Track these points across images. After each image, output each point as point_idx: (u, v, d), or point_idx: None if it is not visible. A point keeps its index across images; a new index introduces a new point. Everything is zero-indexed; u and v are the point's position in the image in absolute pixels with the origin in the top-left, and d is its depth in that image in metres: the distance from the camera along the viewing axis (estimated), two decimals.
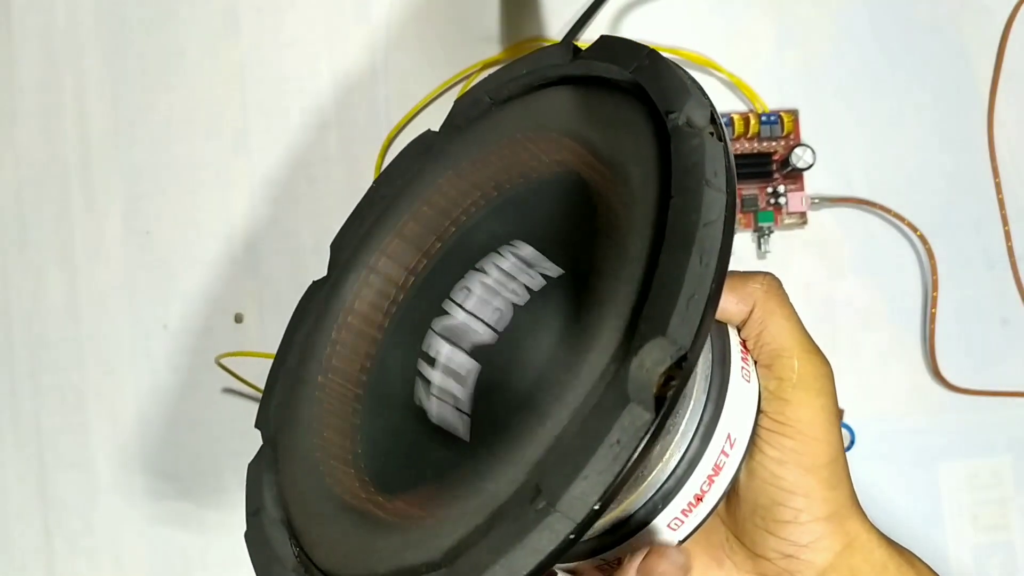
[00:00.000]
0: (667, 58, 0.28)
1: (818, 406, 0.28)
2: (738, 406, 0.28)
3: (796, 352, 0.29)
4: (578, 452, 0.22)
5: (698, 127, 0.25)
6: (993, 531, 0.47)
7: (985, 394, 0.48)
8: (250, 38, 0.49)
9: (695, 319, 0.22)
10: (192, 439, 0.47)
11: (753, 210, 0.48)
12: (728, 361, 0.29)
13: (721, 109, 0.48)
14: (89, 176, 0.48)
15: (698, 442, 0.28)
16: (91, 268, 0.48)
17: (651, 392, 0.22)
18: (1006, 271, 0.48)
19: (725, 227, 0.23)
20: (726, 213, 0.23)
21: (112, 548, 0.47)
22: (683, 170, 0.24)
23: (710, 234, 0.23)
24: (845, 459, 0.29)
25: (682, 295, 0.22)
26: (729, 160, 0.24)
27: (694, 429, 0.28)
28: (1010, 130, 0.49)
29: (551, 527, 0.21)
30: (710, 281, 0.22)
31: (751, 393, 0.29)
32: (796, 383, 0.28)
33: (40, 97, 0.48)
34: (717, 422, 0.28)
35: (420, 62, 0.49)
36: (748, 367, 0.29)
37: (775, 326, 0.29)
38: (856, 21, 0.49)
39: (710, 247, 0.23)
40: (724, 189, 0.23)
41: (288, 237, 0.48)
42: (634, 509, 0.28)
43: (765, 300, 0.29)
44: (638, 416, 0.21)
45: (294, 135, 0.48)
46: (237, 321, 0.48)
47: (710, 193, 0.23)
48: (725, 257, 0.23)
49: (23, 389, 0.47)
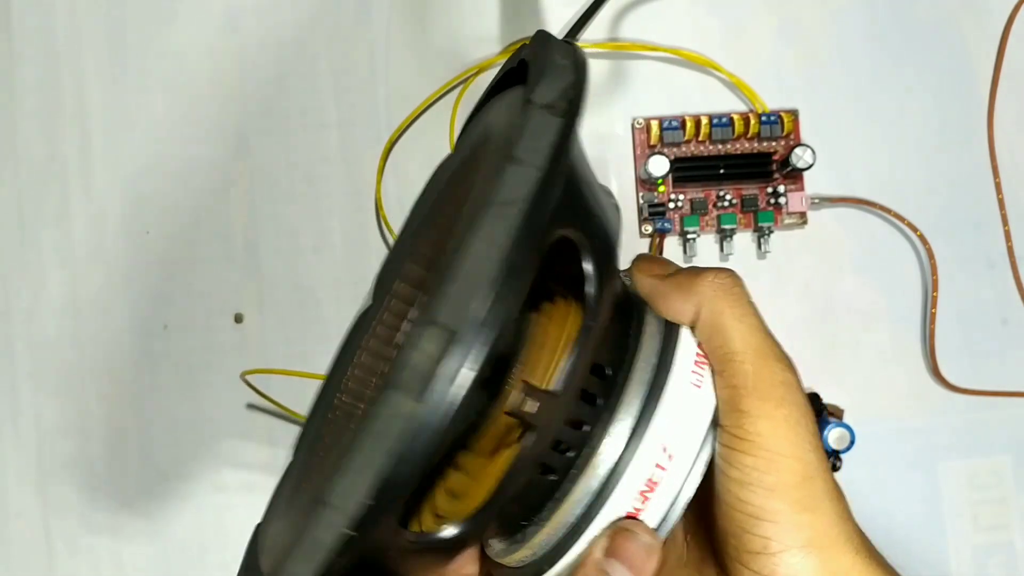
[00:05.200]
0: (556, 39, 0.27)
1: (779, 417, 0.25)
2: (678, 414, 0.26)
3: (749, 356, 0.26)
4: (347, 449, 0.21)
5: (537, 103, 0.24)
6: (993, 531, 0.47)
7: (985, 394, 0.48)
8: (250, 38, 0.49)
9: (465, 303, 0.21)
10: (192, 439, 0.47)
11: (753, 210, 0.48)
12: (669, 364, 0.26)
13: (721, 109, 0.48)
14: (89, 176, 0.48)
15: (618, 454, 0.25)
16: (91, 268, 0.48)
17: (417, 380, 0.21)
18: (1006, 271, 0.48)
19: (534, 205, 0.22)
20: (537, 190, 0.22)
21: (112, 548, 0.47)
22: (497, 149, 0.23)
23: (505, 212, 0.22)
24: (827, 478, 0.25)
25: (460, 278, 0.21)
26: (563, 137, 0.23)
27: (618, 440, 0.26)
28: (1010, 130, 0.49)
29: (325, 521, 0.21)
30: (495, 264, 0.21)
31: (701, 401, 0.26)
32: (751, 391, 0.25)
33: (40, 97, 0.48)
34: (645, 431, 0.25)
35: (420, 62, 0.49)
36: (702, 373, 0.27)
37: (725, 327, 0.26)
38: (856, 21, 0.49)
39: (502, 227, 0.21)
40: (539, 166, 0.22)
41: (288, 237, 0.48)
42: (561, 530, 0.26)
43: (713, 299, 0.26)
44: (398, 404, 0.21)
45: (294, 135, 0.48)
46: (237, 321, 0.48)
47: (514, 170, 0.22)
48: (528, 238, 0.21)
49: (23, 389, 0.47)
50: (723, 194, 0.48)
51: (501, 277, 0.21)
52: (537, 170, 0.22)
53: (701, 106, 0.48)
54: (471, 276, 0.21)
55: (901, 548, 0.47)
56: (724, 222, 0.47)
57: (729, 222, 0.47)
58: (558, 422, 0.25)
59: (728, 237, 0.47)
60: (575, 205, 0.25)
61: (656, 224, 0.47)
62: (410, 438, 0.20)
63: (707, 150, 0.48)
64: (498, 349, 0.21)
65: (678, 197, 0.48)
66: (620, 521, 0.25)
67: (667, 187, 0.48)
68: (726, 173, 0.48)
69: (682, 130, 0.47)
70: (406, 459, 0.20)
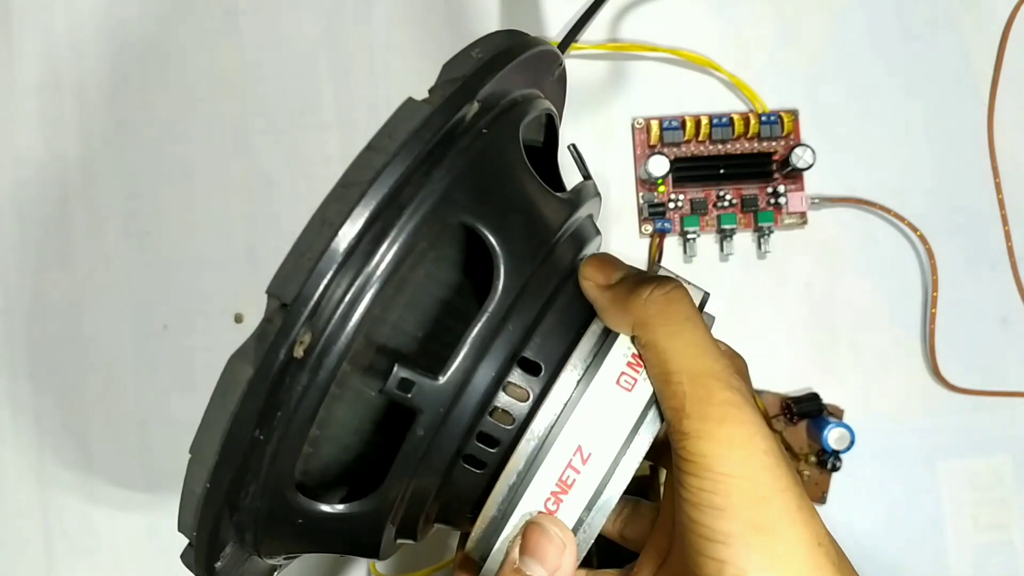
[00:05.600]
0: (502, 33, 0.28)
1: (721, 437, 0.24)
2: (596, 415, 0.26)
3: (685, 376, 0.25)
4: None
5: (433, 91, 0.25)
6: (993, 531, 0.47)
7: (985, 394, 0.48)
8: (250, 38, 0.49)
9: (299, 277, 0.23)
10: (192, 439, 0.47)
11: (753, 210, 0.48)
12: (597, 364, 0.26)
13: (721, 109, 0.48)
14: (89, 176, 0.48)
15: (534, 451, 0.26)
16: (91, 268, 0.48)
17: (251, 347, 0.23)
18: (1006, 271, 0.48)
19: (371, 186, 0.23)
20: (380, 173, 0.23)
21: (112, 548, 0.47)
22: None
23: (346, 195, 0.23)
24: (788, 499, 0.24)
25: (291, 254, 0.23)
26: (427, 125, 0.24)
27: (535, 437, 0.26)
28: (1010, 130, 0.49)
29: (193, 474, 0.26)
30: (325, 241, 0.23)
31: (627, 404, 0.26)
32: (689, 412, 0.24)
33: (40, 97, 0.48)
34: (561, 429, 0.26)
35: (420, 62, 0.49)
36: (636, 376, 0.26)
37: (658, 346, 0.25)
38: (856, 21, 0.49)
39: (339, 208, 0.23)
40: (390, 151, 0.23)
41: (288, 237, 0.48)
42: (487, 525, 0.27)
43: (647, 316, 0.25)
44: (237, 371, 0.23)
45: (294, 135, 0.48)
46: (237, 321, 0.48)
47: (367, 156, 0.23)
48: (368, 219, 0.23)
49: (23, 389, 0.47)
50: (723, 194, 0.48)
51: (335, 255, 0.23)
52: (386, 155, 0.23)
53: (701, 106, 0.48)
54: (301, 250, 0.23)
55: (901, 548, 0.47)
56: (724, 222, 0.47)
57: (729, 222, 0.47)
58: (466, 411, 0.25)
59: (728, 237, 0.47)
60: (468, 191, 0.25)
61: (656, 224, 0.47)
62: (245, 400, 0.23)
63: (707, 150, 0.48)
64: (354, 326, 0.23)
65: (678, 197, 0.48)
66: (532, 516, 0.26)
67: (667, 187, 0.48)
68: (726, 173, 0.48)
69: (682, 130, 0.47)
70: (242, 420, 0.23)
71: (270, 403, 0.23)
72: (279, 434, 0.24)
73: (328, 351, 0.23)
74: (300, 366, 0.23)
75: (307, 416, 0.24)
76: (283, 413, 0.23)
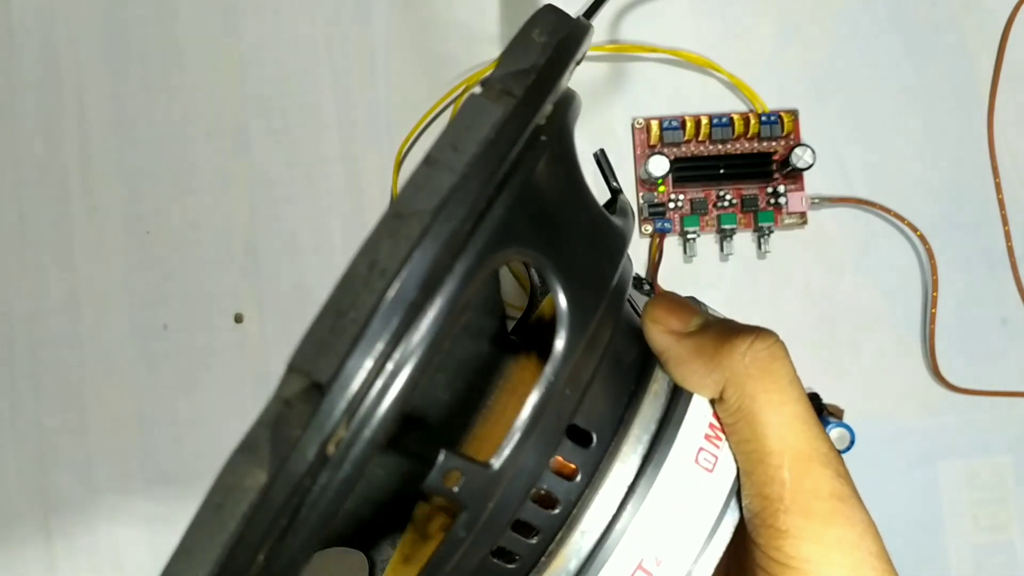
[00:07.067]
0: (552, 13, 0.21)
1: (831, 540, 0.20)
2: (672, 507, 0.20)
3: (788, 458, 0.20)
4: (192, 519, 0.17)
5: (489, 88, 0.19)
6: (993, 531, 0.47)
7: (985, 394, 0.48)
8: (250, 38, 0.49)
9: (339, 347, 0.16)
10: (192, 439, 0.47)
11: (753, 210, 0.48)
12: (671, 438, 0.21)
13: (721, 109, 0.48)
14: (89, 176, 0.48)
15: (586, 553, 0.20)
16: (91, 268, 0.48)
17: (266, 441, 0.16)
18: (1006, 271, 0.48)
19: (436, 218, 0.16)
20: (446, 200, 0.17)
21: (112, 548, 0.47)
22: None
23: (401, 230, 0.16)
24: None
25: (326, 311, 0.17)
26: (502, 131, 0.18)
27: (591, 534, 0.20)
28: (1010, 130, 0.49)
29: None
30: (375, 297, 0.16)
31: (710, 489, 0.21)
32: (789, 506, 0.20)
33: (40, 97, 0.48)
34: (626, 528, 0.20)
35: (420, 62, 0.49)
36: (716, 450, 0.21)
37: (757, 418, 0.20)
38: (856, 21, 0.49)
39: (392, 247, 0.16)
40: (456, 169, 0.17)
41: (288, 237, 0.48)
42: None
43: (746, 377, 0.20)
44: (241, 475, 0.16)
45: (294, 135, 0.48)
46: (237, 321, 0.48)
47: (427, 174, 0.17)
48: (430, 263, 0.16)
49: (23, 389, 0.47)
50: (723, 194, 0.48)
51: (385, 315, 0.16)
52: (452, 174, 0.17)
53: (701, 106, 0.48)
54: (341, 306, 0.17)
55: (901, 548, 0.47)
56: (724, 222, 0.47)
57: (729, 222, 0.47)
58: (511, 499, 0.20)
59: (728, 237, 0.47)
60: (529, 220, 0.19)
61: (656, 224, 0.47)
62: (255, 516, 0.16)
63: (707, 150, 0.48)
64: (396, 411, 0.16)
65: (678, 197, 0.48)
66: None
67: (667, 187, 0.48)
68: (726, 173, 0.48)
69: (682, 130, 0.47)
70: (247, 544, 0.16)
71: (283, 515, 0.17)
72: (288, 556, 0.17)
73: (357, 438, 0.17)
74: (324, 462, 0.17)
75: (322, 523, 0.17)
76: (297, 524, 0.17)
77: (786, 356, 0.21)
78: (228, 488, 0.17)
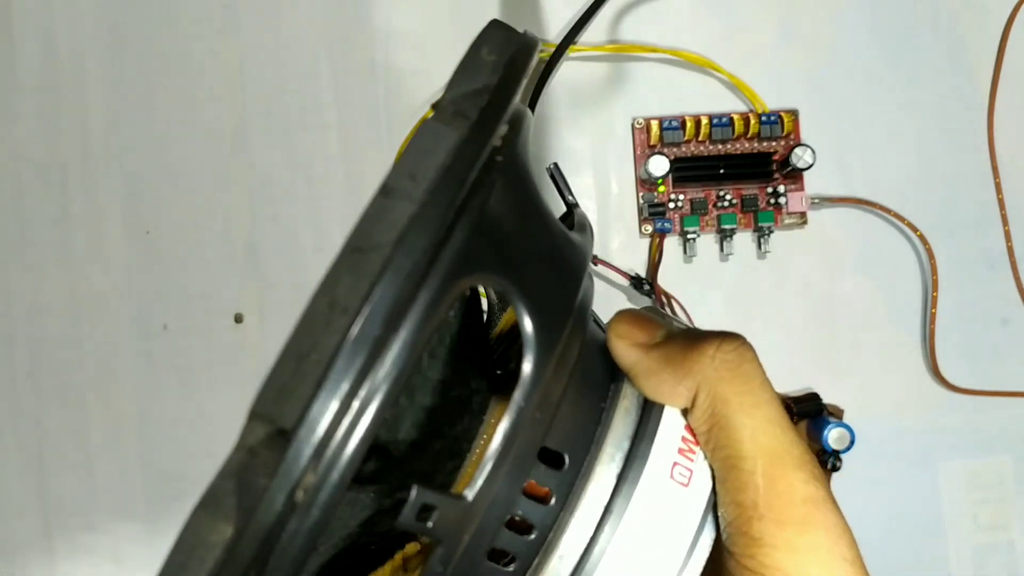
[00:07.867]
0: (500, 29, 0.22)
1: (804, 547, 0.19)
2: (650, 526, 0.20)
3: (761, 463, 0.20)
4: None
5: (440, 112, 0.18)
6: (993, 531, 0.47)
7: (985, 394, 0.48)
8: (250, 38, 0.49)
9: (303, 391, 0.15)
10: (192, 439, 0.47)
11: (753, 210, 0.48)
12: (644, 454, 0.20)
13: (721, 109, 0.48)
14: (89, 176, 0.48)
15: (565, 572, 0.20)
16: (91, 268, 0.48)
17: (230, 493, 0.16)
18: (1006, 271, 0.48)
19: (398, 250, 0.16)
20: (409, 228, 0.16)
21: (112, 548, 0.47)
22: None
23: (361, 265, 0.16)
24: None
25: (287, 354, 0.16)
26: (458, 156, 0.17)
27: (567, 559, 0.20)
28: (1010, 130, 0.49)
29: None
30: (337, 337, 0.15)
31: (686, 507, 0.20)
32: (764, 513, 0.19)
33: (40, 97, 0.48)
34: (604, 551, 0.20)
35: (420, 62, 0.49)
36: (691, 463, 0.21)
37: (730, 422, 0.20)
38: (856, 21, 0.49)
39: (352, 283, 0.16)
40: (416, 198, 0.16)
41: (288, 237, 0.48)
42: None
43: (716, 381, 0.20)
44: (205, 530, 0.16)
45: (294, 135, 0.48)
46: (237, 321, 0.48)
47: (384, 204, 0.17)
48: (389, 299, 0.16)
49: (23, 389, 0.47)
50: (723, 194, 0.48)
51: (349, 355, 0.15)
52: (411, 203, 0.17)
53: (701, 106, 0.48)
54: (302, 349, 0.16)
55: (901, 548, 0.47)
56: (724, 222, 0.47)
57: (729, 222, 0.47)
58: (487, 529, 0.19)
59: (728, 237, 0.47)
60: (490, 244, 0.19)
61: (656, 224, 0.47)
62: (220, 573, 0.16)
63: (707, 150, 0.48)
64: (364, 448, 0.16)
65: (678, 197, 0.48)
66: None
67: (667, 187, 0.48)
68: (726, 173, 0.48)
69: (682, 130, 0.47)
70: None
71: (252, 568, 0.16)
72: None
73: (324, 483, 0.16)
74: (292, 509, 0.16)
75: (293, 571, 0.17)
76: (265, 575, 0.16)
77: (755, 358, 0.21)
78: (191, 546, 0.16)
